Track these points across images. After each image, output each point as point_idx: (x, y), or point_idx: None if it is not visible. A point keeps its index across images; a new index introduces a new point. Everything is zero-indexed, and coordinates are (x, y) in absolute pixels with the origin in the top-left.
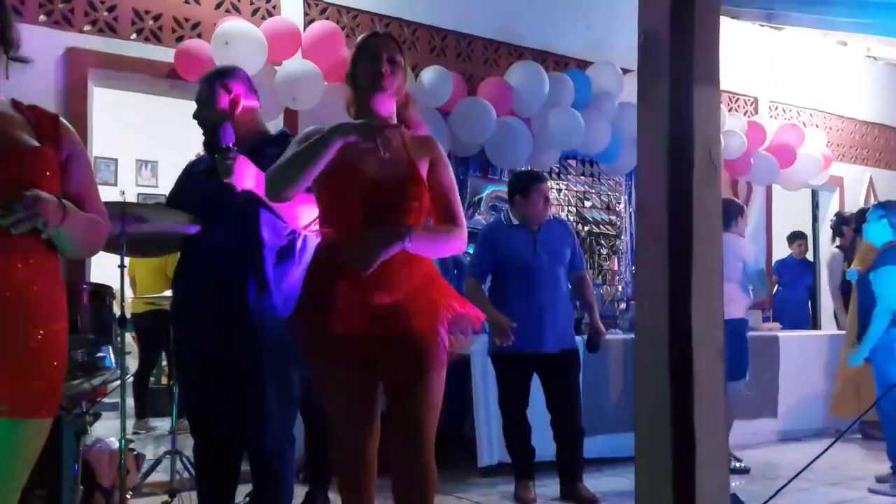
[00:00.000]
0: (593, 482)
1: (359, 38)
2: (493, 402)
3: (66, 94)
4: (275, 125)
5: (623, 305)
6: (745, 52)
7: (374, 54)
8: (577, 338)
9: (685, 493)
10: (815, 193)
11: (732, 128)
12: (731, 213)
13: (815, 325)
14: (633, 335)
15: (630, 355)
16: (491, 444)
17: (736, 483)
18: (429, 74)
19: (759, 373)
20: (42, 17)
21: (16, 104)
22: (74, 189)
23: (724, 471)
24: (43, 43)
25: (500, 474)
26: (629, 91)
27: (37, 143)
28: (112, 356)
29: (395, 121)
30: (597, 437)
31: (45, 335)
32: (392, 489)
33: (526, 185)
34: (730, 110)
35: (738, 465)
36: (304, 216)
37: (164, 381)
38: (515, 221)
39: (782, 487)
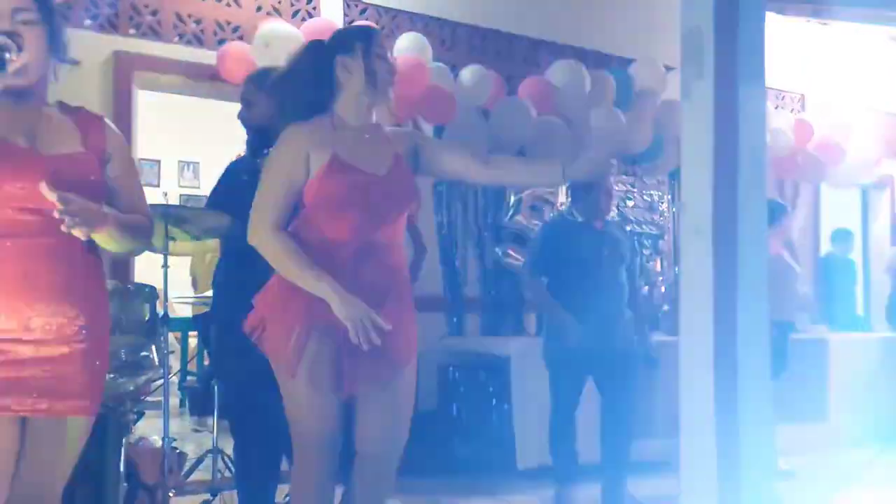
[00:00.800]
0: (636, 486)
1: (358, 26)
2: (533, 403)
3: (110, 97)
4: None
5: (666, 307)
6: (791, 48)
7: (383, 55)
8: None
9: (730, 498)
10: (864, 192)
11: (779, 126)
12: (775, 215)
13: (866, 326)
14: (676, 337)
15: (674, 358)
16: (531, 446)
17: (781, 488)
18: (468, 73)
19: (805, 376)
20: (88, 22)
21: (63, 106)
22: (118, 190)
23: (771, 474)
24: (90, 46)
25: (540, 476)
26: (672, 89)
27: (82, 147)
28: (155, 355)
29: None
30: (641, 441)
31: (88, 334)
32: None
33: None
34: (776, 108)
35: (783, 469)
36: None
37: None
38: (579, 218)
39: (830, 495)
